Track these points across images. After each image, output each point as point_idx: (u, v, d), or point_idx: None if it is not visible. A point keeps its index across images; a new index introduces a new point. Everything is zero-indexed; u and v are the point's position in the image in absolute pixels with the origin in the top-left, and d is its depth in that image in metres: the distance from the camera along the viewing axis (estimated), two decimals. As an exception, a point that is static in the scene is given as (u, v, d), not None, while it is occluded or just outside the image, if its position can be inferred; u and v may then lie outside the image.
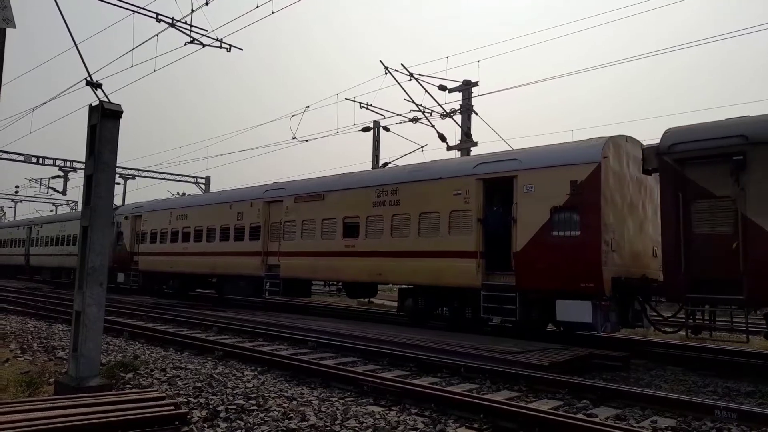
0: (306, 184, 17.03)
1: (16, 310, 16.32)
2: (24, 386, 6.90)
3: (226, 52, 15.48)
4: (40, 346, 10.30)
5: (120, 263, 24.85)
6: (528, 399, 6.97)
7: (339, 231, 15.13)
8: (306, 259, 16.04)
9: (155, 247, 23.11)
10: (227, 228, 19.13)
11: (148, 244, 23.58)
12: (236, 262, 18.47)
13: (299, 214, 16.46)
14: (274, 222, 17.39)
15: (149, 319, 15.07)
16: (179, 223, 21.71)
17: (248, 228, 18.16)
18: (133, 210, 25.31)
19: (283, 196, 17.25)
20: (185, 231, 21.35)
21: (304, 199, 16.48)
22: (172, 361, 8.79)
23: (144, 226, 24.03)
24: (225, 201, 19.70)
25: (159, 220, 23.07)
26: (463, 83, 19.43)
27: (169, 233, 22.28)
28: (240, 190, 20.10)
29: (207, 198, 21.57)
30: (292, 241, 16.57)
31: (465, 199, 12.40)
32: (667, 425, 5.88)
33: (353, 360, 9.39)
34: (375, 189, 14.41)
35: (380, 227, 14.09)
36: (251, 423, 5.55)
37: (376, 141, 23.09)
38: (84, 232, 6.52)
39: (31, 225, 36.79)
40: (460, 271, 12.24)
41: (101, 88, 7.08)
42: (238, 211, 18.71)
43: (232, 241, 18.81)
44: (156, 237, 23.11)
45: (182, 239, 21.38)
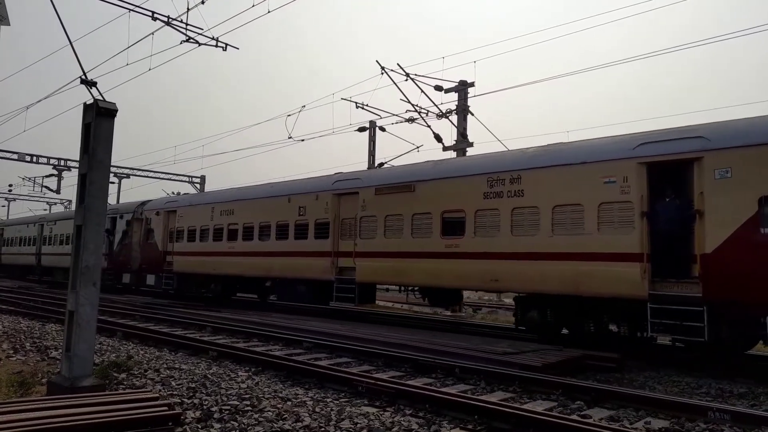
0: (389, 174, 14.77)
1: (8, 310, 16.22)
2: (16, 386, 6.87)
3: (222, 51, 15.45)
4: (32, 346, 10.24)
5: (150, 264, 22.57)
6: (522, 400, 6.98)
7: (436, 228, 12.87)
8: (390, 261, 13.81)
9: (194, 246, 20.53)
10: (285, 224, 16.79)
11: (184, 242, 21.00)
12: (297, 264, 16.21)
13: (381, 208, 14.16)
14: (347, 218, 15.10)
15: (143, 318, 15.00)
16: (224, 219, 19.16)
17: (313, 225, 15.93)
18: (166, 205, 22.65)
19: (358, 187, 14.89)
20: (232, 228, 18.83)
21: (388, 190, 14.11)
22: (165, 362, 8.76)
23: (180, 223, 21.37)
24: (282, 194, 17.28)
25: (198, 215, 20.50)
26: (459, 84, 19.47)
27: (211, 231, 19.72)
28: (301, 181, 17.65)
29: (258, 191, 18.76)
30: (371, 240, 14.29)
31: (622, 188, 10.08)
32: (661, 426, 5.89)
33: (348, 360, 9.38)
34: (487, 177, 12.02)
35: (495, 223, 11.79)
36: (245, 424, 5.53)
37: (372, 141, 23.09)
38: (78, 231, 6.49)
39: (43, 222, 34.07)
40: (614, 278, 9.98)
41: (96, 86, 7.06)
42: (299, 206, 16.37)
43: (291, 239, 16.48)
44: (194, 235, 20.52)
45: (228, 237, 18.88)
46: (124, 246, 24.57)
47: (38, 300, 19.07)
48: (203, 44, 15.11)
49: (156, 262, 22.18)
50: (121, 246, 24.79)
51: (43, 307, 16.33)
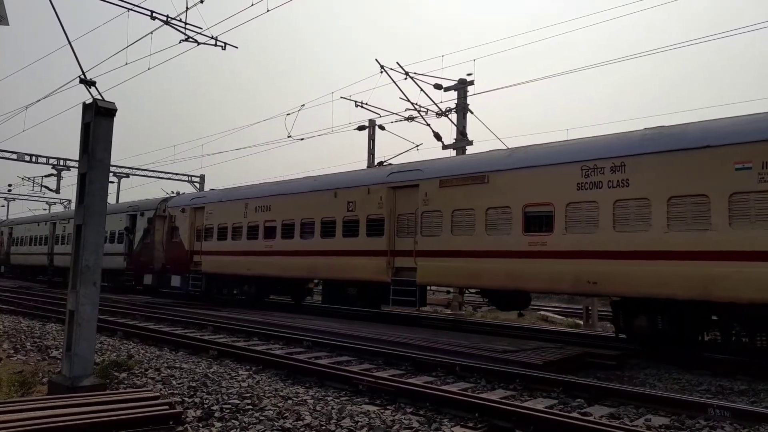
0: (456, 163, 13.43)
1: (9, 310, 16.22)
2: (17, 386, 6.87)
3: (221, 50, 15.43)
4: (33, 345, 10.25)
5: (175, 264, 21.14)
6: (523, 398, 6.98)
7: (517, 224, 11.49)
8: (459, 261, 12.39)
9: (225, 245, 19.05)
10: (332, 221, 15.35)
11: (214, 241, 19.54)
12: (346, 264, 14.80)
13: (447, 201, 12.76)
14: (404, 213, 13.74)
15: (143, 318, 15.02)
16: (259, 216, 17.71)
17: (364, 221, 14.52)
18: (193, 201, 21.19)
19: (418, 179, 13.55)
20: (269, 225, 17.40)
21: (456, 182, 12.69)
22: (166, 361, 8.76)
23: (209, 220, 19.87)
24: (328, 188, 15.80)
25: (230, 212, 19.01)
26: (458, 82, 19.46)
27: (244, 228, 18.26)
28: (349, 174, 16.22)
29: (299, 185, 17.22)
30: (435, 238, 12.91)
31: (761, 175, 8.73)
32: (661, 423, 5.90)
33: (348, 359, 9.38)
34: (580, 166, 10.67)
35: (592, 218, 10.45)
36: (246, 422, 5.54)
37: (371, 139, 23.07)
38: (78, 230, 6.49)
39: (55, 220, 32.40)
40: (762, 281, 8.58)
41: (95, 86, 7.06)
42: (347, 200, 14.88)
43: (339, 237, 15.10)
44: (226, 233, 19.07)
45: (264, 235, 17.45)
46: (145, 245, 23.12)
47: (39, 300, 19.08)
48: (202, 43, 15.10)
49: (182, 262, 20.70)
50: (142, 245, 23.39)
51: (43, 307, 16.33)
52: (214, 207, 19.93)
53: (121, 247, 24.57)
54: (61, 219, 32.03)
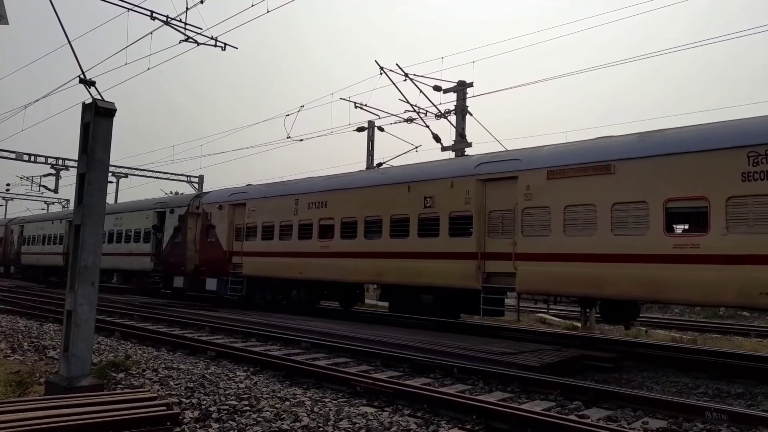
0: (567, 152, 11.32)
1: (6, 309, 16.19)
2: (14, 386, 6.86)
3: (221, 50, 15.43)
4: (30, 345, 10.23)
5: (211, 266, 19.36)
6: (521, 400, 6.99)
7: (657, 222, 9.73)
8: (575, 265, 10.54)
9: (271, 246, 17.22)
10: (404, 219, 13.59)
11: (257, 240, 17.75)
12: (422, 268, 13.04)
13: (557, 195, 10.97)
14: (498, 210, 11.93)
15: (141, 318, 15.00)
16: (313, 214, 15.93)
17: (446, 219, 12.74)
18: (232, 197, 19.22)
19: (517, 170, 11.69)
20: (324, 224, 15.66)
21: (569, 173, 10.90)
22: (164, 361, 8.75)
23: (251, 218, 18.06)
24: (399, 181, 14.04)
25: (277, 209, 17.20)
26: (457, 84, 19.48)
27: (295, 227, 16.43)
28: (425, 165, 14.34)
29: (362, 178, 15.42)
30: (543, 238, 11.07)
31: None
32: (659, 426, 5.91)
33: (346, 360, 9.38)
34: (747, 152, 8.92)
35: (763, 215, 8.81)
36: (243, 423, 5.53)
37: (370, 141, 23.09)
38: (76, 230, 6.48)
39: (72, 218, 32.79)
40: None
41: (95, 85, 7.06)
42: (424, 196, 13.12)
43: (414, 237, 13.32)
44: (272, 232, 17.23)
45: (319, 235, 15.66)
46: (176, 245, 21.13)
47: (36, 299, 19.05)
48: (202, 44, 15.11)
49: (219, 264, 18.90)
50: (172, 245, 21.41)
51: (41, 307, 16.31)
52: (257, 203, 18.02)
53: (148, 246, 22.81)
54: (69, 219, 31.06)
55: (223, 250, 18.89)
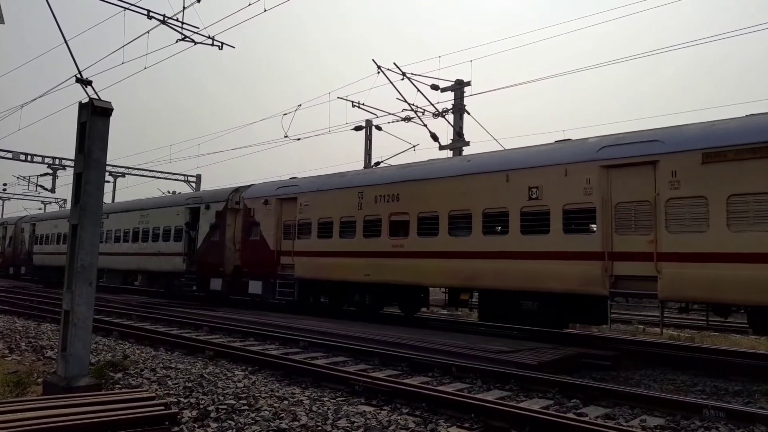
0: (731, 129, 9.48)
1: (3, 310, 16.15)
2: (12, 386, 6.84)
3: (218, 50, 15.42)
4: (28, 345, 10.21)
5: (255, 267, 17.58)
6: (519, 398, 7.00)
7: None
8: (749, 268, 8.76)
9: (329, 244, 15.40)
10: (501, 213, 11.73)
11: (312, 239, 15.89)
12: (529, 270, 11.20)
13: (715, 183, 9.22)
14: (629, 201, 10.17)
15: (139, 318, 14.98)
16: (382, 208, 14.16)
17: (559, 212, 10.92)
18: (280, 191, 17.33)
19: (657, 153, 9.98)
20: (397, 219, 13.86)
21: (736, 155, 9.12)
22: (162, 361, 8.75)
23: (304, 214, 16.26)
24: (493, 169, 12.13)
25: (336, 203, 15.40)
26: (455, 83, 19.49)
27: (359, 224, 14.66)
28: (528, 150, 12.23)
29: (444, 167, 13.51)
30: (697, 235, 9.33)
31: None
32: (656, 424, 5.92)
33: (344, 359, 9.38)
34: None
35: None
36: (242, 423, 5.53)
37: (368, 140, 23.09)
38: (73, 230, 6.47)
39: None
40: None
41: (91, 85, 7.05)
42: (528, 186, 11.39)
43: (515, 234, 11.44)
44: (330, 229, 15.46)
45: (390, 232, 13.94)
46: (212, 244, 19.33)
47: (34, 299, 19.00)
48: (199, 43, 15.09)
49: (265, 265, 17.12)
50: (208, 244, 19.55)
51: (38, 307, 16.27)
52: (311, 198, 16.21)
53: (179, 245, 20.85)
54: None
55: (269, 249, 17.04)
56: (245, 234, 18.10)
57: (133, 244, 23.53)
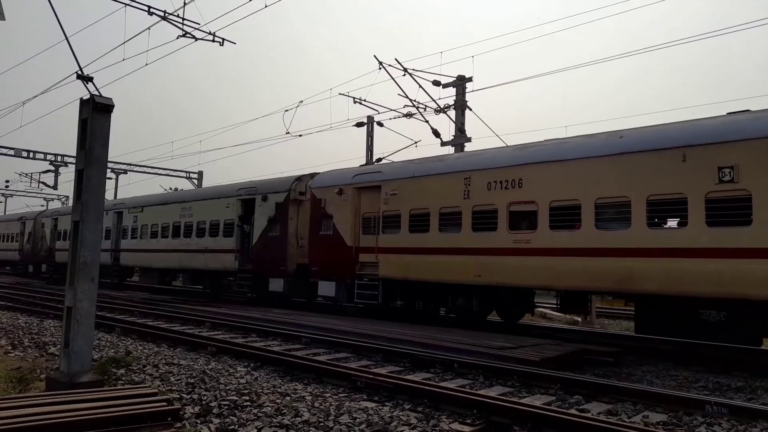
0: None
1: (6, 306, 16.20)
2: (15, 382, 6.87)
3: (219, 46, 15.38)
4: (31, 342, 10.24)
5: (326, 265, 15.50)
6: (521, 394, 7.00)
7: None
8: None
9: (425, 240, 13.22)
10: (675, 200, 9.61)
11: (402, 233, 13.76)
12: (719, 271, 8.99)
13: None
14: None
15: (141, 314, 15.01)
16: (498, 197, 11.85)
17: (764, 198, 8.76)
18: (358, 178, 15.25)
19: None
20: (518, 210, 11.66)
21: None
22: (164, 357, 8.77)
23: (390, 205, 14.12)
24: (657, 147, 9.94)
25: (433, 191, 13.22)
26: (457, 78, 19.43)
27: (466, 215, 12.37)
28: (712, 122, 9.84)
29: (582, 146, 11.13)
30: None
31: None
32: (659, 420, 5.92)
33: (346, 355, 9.39)
34: None
35: None
36: (244, 419, 5.54)
37: (369, 136, 23.05)
38: (75, 226, 6.47)
39: (122, 209, 25.76)
40: None
41: (92, 81, 7.03)
42: (717, 165, 9.14)
43: (698, 226, 9.28)
44: (427, 222, 13.26)
45: (509, 225, 11.67)
46: (271, 240, 17.39)
47: (36, 296, 19.06)
48: (200, 39, 15.06)
49: (340, 263, 15.05)
50: (265, 239, 17.58)
51: (41, 303, 16.32)
52: (400, 186, 13.99)
53: (230, 241, 18.89)
54: (131, 207, 25.28)
55: (346, 245, 14.92)
56: (314, 228, 16.07)
57: (173, 239, 21.52)
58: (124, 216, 25.36)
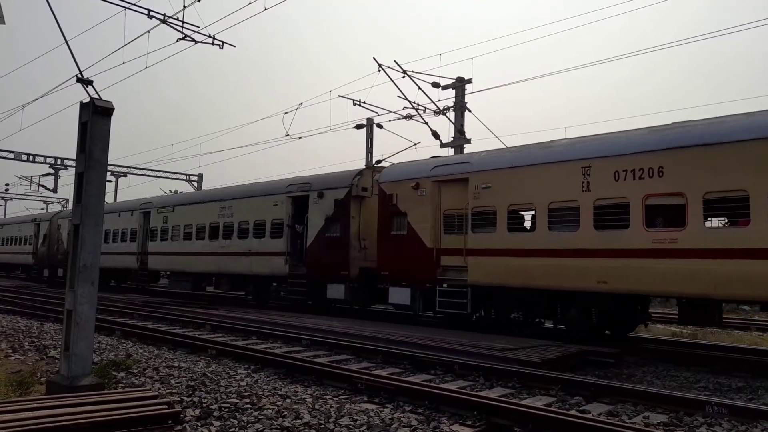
0: None
1: (6, 309, 16.19)
2: (15, 386, 6.86)
3: (218, 49, 15.40)
4: (31, 345, 10.23)
5: (399, 269, 13.75)
6: (521, 396, 6.99)
7: None
8: None
9: (528, 240, 11.51)
10: None
11: (498, 232, 11.87)
12: None
13: None
14: None
15: (141, 317, 15.00)
16: (629, 189, 10.08)
17: None
18: (437, 170, 13.48)
19: None
20: (657, 203, 9.90)
21: None
22: (164, 360, 8.76)
23: (481, 200, 12.24)
24: None
25: (537, 183, 11.35)
26: (456, 80, 19.45)
27: (586, 210, 10.61)
28: None
29: (740, 125, 9.22)
30: None
31: None
32: (659, 421, 5.92)
33: (347, 358, 9.39)
34: None
35: None
36: (245, 421, 5.54)
37: (369, 138, 23.07)
38: (75, 229, 6.48)
39: (150, 208, 23.96)
40: None
41: (92, 85, 7.05)
42: None
43: None
44: (530, 219, 11.82)
45: (645, 222, 9.87)
46: (329, 241, 15.78)
47: (36, 299, 19.05)
48: (200, 42, 15.08)
49: (416, 267, 13.31)
50: (323, 241, 15.93)
51: (41, 306, 16.31)
52: (494, 178, 12.15)
53: (280, 243, 17.23)
54: (161, 206, 23.45)
55: (424, 247, 13.20)
56: (383, 227, 14.31)
57: (211, 241, 19.90)
58: (152, 216, 23.59)
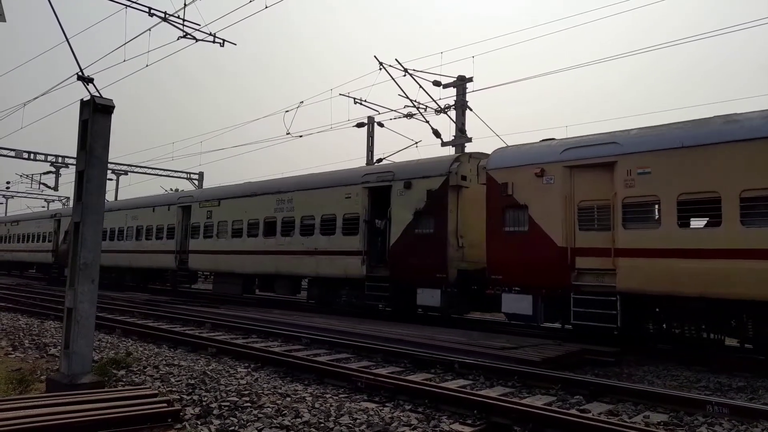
0: None
1: (6, 307, 16.20)
2: (15, 384, 6.87)
3: (219, 47, 15.39)
4: (31, 343, 10.24)
5: (519, 273, 11.69)
6: (521, 395, 6.99)
7: None
8: None
9: (705, 238, 9.47)
10: None
11: (663, 228, 9.81)
12: None
13: None
14: None
15: (142, 315, 15.01)
16: None
17: None
18: (569, 153, 11.29)
19: None
20: None
21: None
22: (164, 358, 8.76)
23: (637, 188, 10.20)
24: None
25: (723, 167, 9.24)
26: (457, 79, 19.43)
27: None
28: None
29: None
30: None
31: None
32: (660, 420, 5.91)
33: (347, 356, 9.39)
34: None
35: None
36: (245, 420, 5.53)
37: (370, 137, 23.07)
38: (75, 227, 6.47)
39: (191, 202, 21.73)
40: None
41: (93, 83, 7.04)
42: None
43: None
44: (713, 212, 9.42)
45: None
46: (420, 239, 13.78)
47: (37, 297, 19.06)
48: (200, 40, 15.07)
49: (541, 270, 11.29)
50: (411, 238, 13.96)
51: (41, 304, 16.32)
52: (656, 160, 10.02)
53: (354, 240, 15.17)
54: (202, 200, 21.29)
55: (553, 246, 11.14)
56: (495, 222, 12.13)
57: (267, 239, 17.77)
58: (194, 211, 21.28)
